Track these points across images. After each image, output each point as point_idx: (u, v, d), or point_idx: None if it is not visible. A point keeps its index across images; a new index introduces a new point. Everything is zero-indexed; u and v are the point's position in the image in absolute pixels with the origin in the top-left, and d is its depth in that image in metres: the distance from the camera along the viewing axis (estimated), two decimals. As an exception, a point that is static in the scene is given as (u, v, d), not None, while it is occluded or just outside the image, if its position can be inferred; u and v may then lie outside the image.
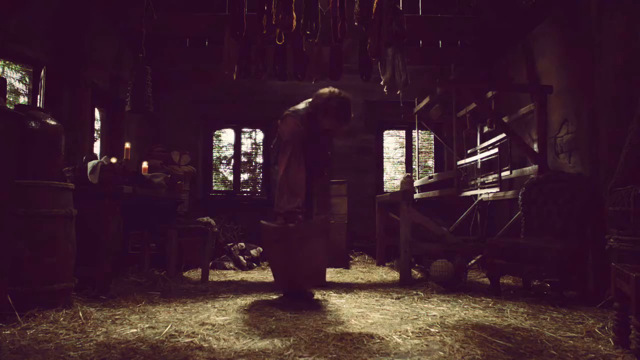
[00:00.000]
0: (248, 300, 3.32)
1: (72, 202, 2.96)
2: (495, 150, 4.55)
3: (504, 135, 4.70)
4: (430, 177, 5.04)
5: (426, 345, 2.22)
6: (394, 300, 3.39)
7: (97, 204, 3.35)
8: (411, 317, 2.81)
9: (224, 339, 2.26)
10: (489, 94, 4.81)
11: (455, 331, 2.45)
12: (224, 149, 7.10)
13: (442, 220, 5.32)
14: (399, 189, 6.30)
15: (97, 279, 3.28)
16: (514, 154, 4.83)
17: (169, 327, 2.46)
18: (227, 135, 7.16)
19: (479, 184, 5.28)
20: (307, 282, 2.89)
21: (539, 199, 3.97)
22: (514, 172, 4.54)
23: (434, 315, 2.85)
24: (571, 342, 2.28)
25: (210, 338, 2.27)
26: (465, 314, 2.92)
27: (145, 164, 4.93)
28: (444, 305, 3.21)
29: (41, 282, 2.69)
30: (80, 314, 2.61)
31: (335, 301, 3.30)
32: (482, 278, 4.42)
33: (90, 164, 3.36)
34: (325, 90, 3.27)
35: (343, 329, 2.46)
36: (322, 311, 2.95)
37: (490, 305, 3.18)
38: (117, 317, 2.71)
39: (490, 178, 4.91)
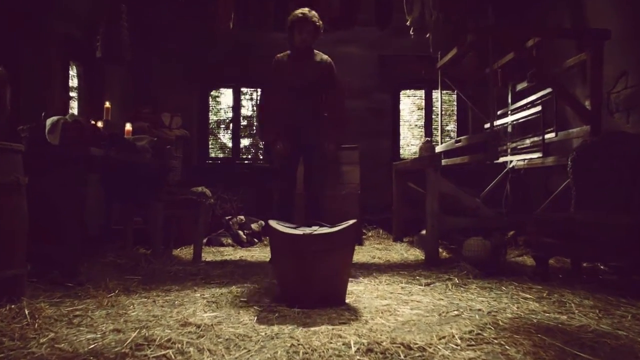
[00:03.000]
0: (246, 287, 2.73)
1: (22, 168, 2.33)
2: (538, 108, 3.86)
3: (545, 92, 4.00)
4: (457, 142, 4.38)
5: (485, 360, 1.62)
6: (423, 287, 2.80)
7: (61, 170, 2.73)
8: (451, 313, 2.21)
9: (209, 350, 1.67)
10: (530, 42, 4.08)
11: (516, 336, 1.84)
12: (221, 111, 6.43)
13: (467, 191, 4.68)
14: (415, 156, 5.65)
15: (62, 262, 2.69)
16: (555, 114, 4.13)
17: (138, 330, 1.87)
18: (225, 97, 6.48)
19: (509, 150, 4.62)
20: (320, 304, 2.28)
21: (594, 165, 3.31)
22: (559, 134, 3.87)
23: (480, 311, 2.25)
24: (685, 357, 1.67)
25: (191, 349, 1.68)
26: (517, 307, 2.31)
27: (128, 126, 4.28)
28: (487, 294, 2.61)
29: (-22, 270, 2.10)
30: (27, 312, 2.02)
31: (353, 288, 2.71)
32: (515, 257, 3.81)
33: (49, 121, 2.72)
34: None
35: (368, 333, 1.86)
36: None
37: (544, 295, 2.57)
38: (76, 314, 2.12)
39: (528, 142, 4.24)
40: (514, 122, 4.39)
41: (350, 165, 5.15)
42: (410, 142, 6.29)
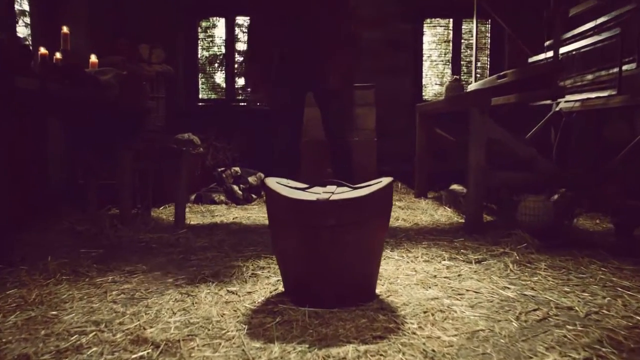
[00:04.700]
0: (236, 268, 2.03)
1: None
2: (613, 32, 3.00)
3: (623, 11, 3.12)
4: (500, 77, 3.55)
5: None
6: (474, 266, 2.09)
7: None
8: (532, 315, 1.51)
9: (162, 408, 0.97)
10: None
11: (659, 368, 1.15)
12: (214, 46, 5.53)
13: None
14: (439, 98, 4.82)
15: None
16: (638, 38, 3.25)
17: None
18: (218, 29, 5.57)
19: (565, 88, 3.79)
20: (341, 302, 1.55)
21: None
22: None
23: (573, 310, 1.55)
24: None
25: (131, 407, 0.98)
26: (623, 305, 1.61)
27: (93, 58, 3.47)
28: (565, 278, 1.90)
29: None
30: None
31: (381, 268, 2.00)
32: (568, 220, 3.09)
33: (-49, 38, 1.91)
34: None
35: (425, 365, 1.16)
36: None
37: (649, 281, 1.87)
38: (-21, 320, 1.43)
39: (590, 77, 3.41)
40: (575, 52, 3.53)
41: (365, 107, 4.35)
42: (432, 82, 5.43)
